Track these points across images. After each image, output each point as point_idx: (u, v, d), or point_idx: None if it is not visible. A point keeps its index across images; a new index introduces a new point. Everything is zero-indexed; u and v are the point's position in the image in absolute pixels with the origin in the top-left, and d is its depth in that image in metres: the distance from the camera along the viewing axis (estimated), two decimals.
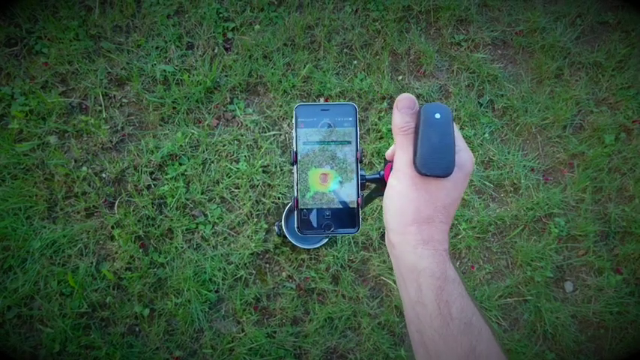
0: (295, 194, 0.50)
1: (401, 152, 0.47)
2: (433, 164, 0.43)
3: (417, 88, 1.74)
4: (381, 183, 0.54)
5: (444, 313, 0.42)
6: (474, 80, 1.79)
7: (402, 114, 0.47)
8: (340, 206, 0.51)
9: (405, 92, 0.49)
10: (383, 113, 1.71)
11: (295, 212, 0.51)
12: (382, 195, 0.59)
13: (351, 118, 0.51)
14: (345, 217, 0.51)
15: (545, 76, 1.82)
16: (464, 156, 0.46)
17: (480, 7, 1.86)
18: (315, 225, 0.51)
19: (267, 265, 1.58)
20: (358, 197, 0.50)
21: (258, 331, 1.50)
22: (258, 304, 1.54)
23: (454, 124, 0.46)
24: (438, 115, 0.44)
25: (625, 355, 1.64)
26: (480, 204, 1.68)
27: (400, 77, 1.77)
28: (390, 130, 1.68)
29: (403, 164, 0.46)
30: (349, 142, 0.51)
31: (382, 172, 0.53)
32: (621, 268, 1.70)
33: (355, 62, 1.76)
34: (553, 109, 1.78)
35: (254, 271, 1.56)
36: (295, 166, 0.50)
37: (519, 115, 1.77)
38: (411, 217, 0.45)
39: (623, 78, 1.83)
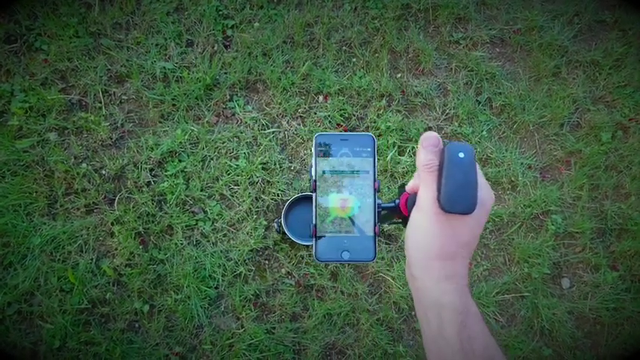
0: (314, 221, 0.52)
1: (425, 189, 0.47)
2: (457, 202, 0.44)
3: (416, 86, 1.75)
4: (395, 212, 0.55)
5: (466, 349, 0.43)
6: (472, 78, 1.80)
7: (426, 151, 0.48)
8: (358, 234, 0.52)
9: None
10: (382, 111, 1.72)
11: (314, 240, 0.52)
12: (393, 222, 0.59)
13: (369, 149, 0.53)
14: (362, 245, 0.52)
15: (542, 75, 1.83)
16: (485, 193, 0.47)
17: (478, 6, 1.87)
18: (333, 252, 0.52)
19: (267, 262, 1.59)
20: (375, 226, 0.52)
21: (258, 327, 1.51)
22: (258, 300, 1.55)
23: (476, 162, 0.48)
24: (462, 155, 0.46)
25: (621, 350, 1.66)
26: None
27: (399, 75, 1.78)
28: (388, 128, 1.69)
29: (427, 200, 0.47)
30: (367, 172, 0.53)
31: (397, 201, 0.54)
32: (617, 264, 1.72)
33: (354, 60, 1.76)
34: (550, 107, 1.80)
35: (253, 268, 1.57)
36: (314, 195, 0.52)
37: (517, 113, 1.78)
38: (435, 253, 0.46)
39: (619, 76, 1.85)
